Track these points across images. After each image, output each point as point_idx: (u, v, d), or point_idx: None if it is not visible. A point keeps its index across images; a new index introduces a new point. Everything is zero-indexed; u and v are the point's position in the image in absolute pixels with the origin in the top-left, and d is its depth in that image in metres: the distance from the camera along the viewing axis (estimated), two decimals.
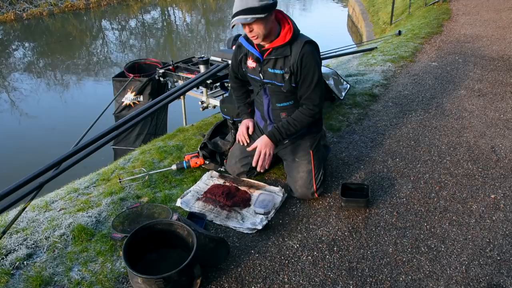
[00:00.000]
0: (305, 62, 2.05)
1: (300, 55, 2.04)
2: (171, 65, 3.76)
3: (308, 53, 2.05)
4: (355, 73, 4.45)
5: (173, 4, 15.98)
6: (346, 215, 2.23)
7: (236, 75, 2.43)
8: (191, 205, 2.29)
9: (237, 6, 1.98)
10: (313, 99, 2.15)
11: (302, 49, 2.04)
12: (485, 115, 3.38)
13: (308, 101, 2.16)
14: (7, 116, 6.77)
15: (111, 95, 4.33)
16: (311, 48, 2.07)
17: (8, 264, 1.90)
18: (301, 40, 2.06)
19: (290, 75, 2.10)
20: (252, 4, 1.93)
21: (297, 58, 2.05)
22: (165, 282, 1.60)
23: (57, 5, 13.26)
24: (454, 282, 1.81)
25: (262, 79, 2.20)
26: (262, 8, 1.94)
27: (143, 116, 2.59)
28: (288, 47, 2.07)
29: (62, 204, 2.38)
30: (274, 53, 2.10)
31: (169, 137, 3.20)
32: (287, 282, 1.82)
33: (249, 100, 2.50)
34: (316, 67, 2.08)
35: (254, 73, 2.23)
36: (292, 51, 2.06)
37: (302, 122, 2.20)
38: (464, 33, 6.01)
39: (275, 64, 2.13)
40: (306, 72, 2.08)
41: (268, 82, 2.20)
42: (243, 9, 1.94)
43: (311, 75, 2.08)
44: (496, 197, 2.37)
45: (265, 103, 2.31)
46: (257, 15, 1.94)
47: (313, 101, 2.15)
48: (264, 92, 2.27)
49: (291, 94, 2.20)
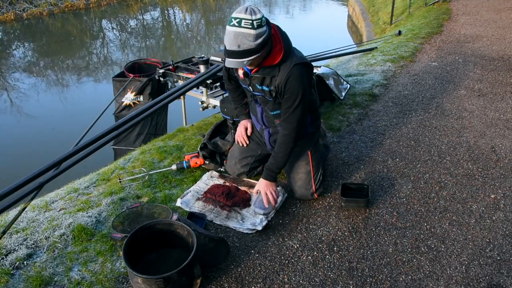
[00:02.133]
0: (289, 86, 1.96)
1: (285, 78, 1.95)
2: (171, 65, 3.76)
3: (294, 76, 1.95)
4: (355, 73, 4.45)
5: (173, 4, 15.97)
6: (346, 215, 2.23)
7: (230, 77, 2.38)
8: (191, 205, 2.29)
9: (230, 44, 1.82)
10: (291, 122, 2.06)
11: (289, 71, 1.94)
12: (485, 115, 3.38)
13: (286, 124, 2.08)
14: (7, 116, 6.77)
15: (111, 95, 4.33)
16: (299, 71, 1.96)
17: (8, 264, 1.90)
18: (290, 61, 1.95)
19: (276, 93, 2.05)
20: (249, 45, 1.80)
21: (283, 79, 1.96)
22: (165, 282, 1.60)
23: (57, 5, 13.26)
24: (454, 282, 1.81)
25: (252, 92, 2.17)
26: (258, 48, 1.83)
27: (143, 116, 2.59)
28: (277, 68, 1.97)
29: (62, 204, 2.38)
30: (262, 72, 2.02)
31: (169, 137, 3.20)
32: (287, 282, 1.82)
33: (246, 101, 2.47)
34: (300, 90, 1.98)
35: (244, 83, 2.20)
36: (279, 72, 1.97)
37: (287, 149, 2.12)
38: (464, 33, 6.01)
39: (262, 81, 2.06)
40: (289, 94, 1.99)
41: (257, 94, 2.17)
42: (238, 51, 1.82)
43: (293, 98, 1.99)
44: (496, 197, 2.37)
45: (258, 111, 2.30)
46: (254, 55, 1.83)
47: (291, 124, 2.06)
48: (256, 102, 2.26)
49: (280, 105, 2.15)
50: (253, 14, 1.79)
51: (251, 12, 1.80)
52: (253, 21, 1.78)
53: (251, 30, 1.79)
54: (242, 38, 1.80)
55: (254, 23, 1.78)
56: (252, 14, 1.79)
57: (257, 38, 1.81)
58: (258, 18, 1.80)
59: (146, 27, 13.13)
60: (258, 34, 1.80)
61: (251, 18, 1.78)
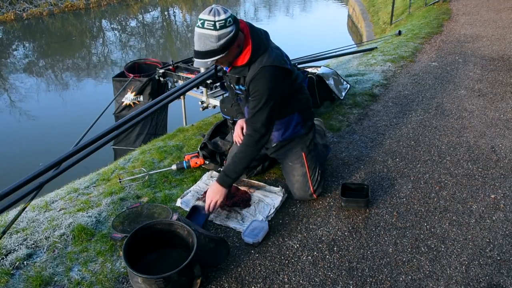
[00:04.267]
0: (253, 86, 1.96)
1: (251, 78, 1.95)
2: (171, 65, 3.77)
3: (260, 77, 1.93)
4: (355, 73, 4.45)
5: (173, 4, 15.98)
6: (346, 215, 2.23)
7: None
8: (191, 205, 2.29)
9: (196, 45, 1.87)
10: (254, 122, 2.01)
11: (256, 72, 1.93)
12: (485, 115, 3.38)
13: (249, 124, 2.05)
14: (7, 116, 6.77)
15: (111, 95, 4.34)
16: (266, 73, 1.92)
17: (8, 264, 1.90)
18: (260, 63, 1.93)
19: (248, 92, 2.05)
20: (211, 46, 1.82)
21: (249, 80, 1.96)
22: (165, 282, 1.60)
23: (57, 5, 13.26)
24: (454, 282, 1.81)
25: (234, 90, 2.20)
26: (221, 49, 1.84)
27: (143, 116, 2.59)
28: (247, 68, 1.97)
29: (62, 204, 2.38)
30: (234, 71, 2.04)
31: (169, 137, 3.20)
32: (287, 282, 1.82)
33: None
34: (265, 92, 1.94)
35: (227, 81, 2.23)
36: (249, 72, 1.97)
37: (248, 153, 2.05)
38: (464, 33, 6.01)
39: (238, 81, 2.08)
40: (254, 95, 1.98)
41: (238, 93, 2.19)
42: (202, 52, 1.85)
43: (258, 99, 1.96)
44: (496, 197, 2.37)
45: (245, 110, 2.29)
46: (217, 56, 1.86)
47: (254, 125, 2.02)
48: (240, 100, 2.27)
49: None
50: (216, 15, 1.81)
51: (215, 13, 1.81)
52: (216, 22, 1.80)
53: (213, 32, 1.81)
54: (204, 39, 1.83)
55: (216, 24, 1.80)
56: (215, 15, 1.80)
57: (219, 40, 1.82)
58: (221, 19, 1.81)
59: (146, 27, 13.14)
60: (220, 35, 1.81)
61: (213, 20, 1.80)
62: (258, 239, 2.02)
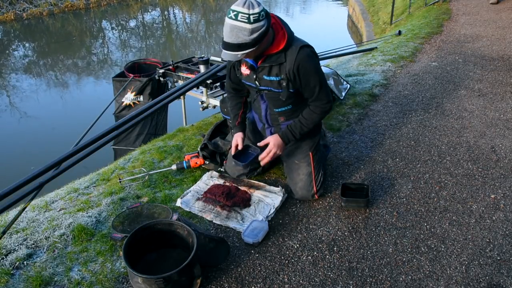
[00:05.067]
0: (303, 69, 1.97)
1: (296, 62, 1.95)
2: (171, 65, 3.76)
3: (304, 58, 1.95)
4: (355, 73, 4.45)
5: (173, 4, 15.98)
6: (346, 215, 2.23)
7: (232, 86, 2.33)
8: (191, 205, 2.29)
9: (226, 36, 1.84)
10: (322, 99, 2.09)
11: (298, 55, 1.94)
12: (485, 115, 3.38)
13: (317, 102, 2.10)
14: (7, 116, 6.77)
15: (111, 95, 4.33)
16: (307, 53, 1.97)
17: (8, 264, 1.90)
18: (296, 46, 1.96)
19: (288, 81, 2.03)
20: (243, 39, 1.80)
21: (293, 65, 1.95)
22: (165, 282, 1.60)
23: (57, 5, 13.25)
24: (454, 282, 1.81)
25: (258, 86, 2.14)
26: (254, 42, 1.82)
27: (143, 116, 2.59)
28: (283, 54, 1.97)
29: (62, 204, 2.38)
30: (268, 61, 2.00)
31: (169, 137, 3.20)
32: (287, 282, 1.82)
33: (240, 112, 2.37)
34: (315, 71, 2.00)
35: (249, 80, 2.16)
36: (287, 58, 1.96)
37: (314, 120, 2.14)
38: (464, 33, 6.00)
39: (270, 71, 2.03)
40: (306, 79, 2.00)
41: (264, 88, 2.14)
42: (233, 44, 1.82)
43: (313, 81, 2.01)
44: (496, 197, 2.37)
45: (262, 109, 2.28)
46: (248, 49, 1.84)
47: (322, 101, 2.09)
48: (261, 98, 2.23)
49: (289, 99, 2.14)
50: (250, 8, 1.78)
51: (249, 6, 1.79)
52: (250, 16, 1.78)
53: (247, 25, 1.79)
54: (237, 31, 1.80)
55: (250, 18, 1.78)
56: (250, 8, 1.78)
57: (253, 33, 1.80)
58: (255, 12, 1.79)
59: (146, 27, 13.13)
60: (254, 28, 1.80)
61: (248, 12, 1.78)
62: (258, 239, 2.02)
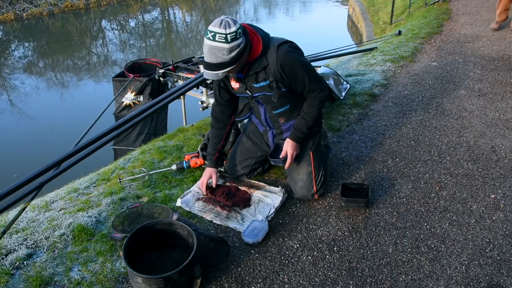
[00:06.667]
0: (286, 66, 1.97)
1: (278, 61, 1.96)
2: (171, 65, 3.77)
3: (285, 55, 1.96)
4: (355, 73, 4.45)
5: (173, 4, 15.97)
6: (346, 215, 2.23)
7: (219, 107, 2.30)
8: (191, 205, 2.29)
9: (206, 57, 1.87)
10: (314, 89, 2.09)
11: (277, 54, 1.95)
12: (485, 115, 3.38)
13: (312, 93, 2.12)
14: (7, 116, 6.77)
15: (111, 95, 4.33)
16: (286, 49, 1.97)
17: (8, 264, 1.91)
18: (273, 46, 1.96)
19: (277, 82, 2.04)
20: (223, 58, 1.84)
21: (276, 64, 1.96)
22: (165, 282, 1.60)
23: (57, 5, 13.25)
24: (454, 282, 1.81)
25: (252, 95, 2.17)
26: (233, 61, 1.86)
27: (143, 116, 2.59)
28: (264, 58, 1.98)
29: (62, 204, 2.38)
30: (252, 68, 2.01)
31: (169, 137, 3.20)
32: (287, 282, 1.82)
33: (219, 147, 2.36)
34: (298, 63, 2.00)
35: (241, 91, 2.18)
36: (268, 60, 1.97)
37: (316, 112, 2.16)
38: (464, 33, 6.00)
39: (257, 78, 2.05)
40: (293, 73, 2.01)
41: (258, 95, 2.16)
42: (213, 64, 1.86)
43: (300, 73, 2.02)
44: (496, 197, 2.37)
45: (261, 112, 2.30)
46: (228, 68, 1.87)
47: (315, 91, 2.10)
48: (258, 103, 2.26)
49: (284, 99, 2.16)
50: (227, 28, 1.81)
51: (225, 26, 1.81)
52: (227, 35, 1.81)
53: (225, 44, 1.81)
54: (216, 51, 1.83)
55: (228, 37, 1.81)
56: (226, 28, 1.81)
57: (231, 52, 1.84)
58: (232, 31, 1.81)
59: (146, 27, 13.13)
60: (232, 47, 1.83)
61: (225, 32, 1.80)
62: (258, 239, 2.02)
